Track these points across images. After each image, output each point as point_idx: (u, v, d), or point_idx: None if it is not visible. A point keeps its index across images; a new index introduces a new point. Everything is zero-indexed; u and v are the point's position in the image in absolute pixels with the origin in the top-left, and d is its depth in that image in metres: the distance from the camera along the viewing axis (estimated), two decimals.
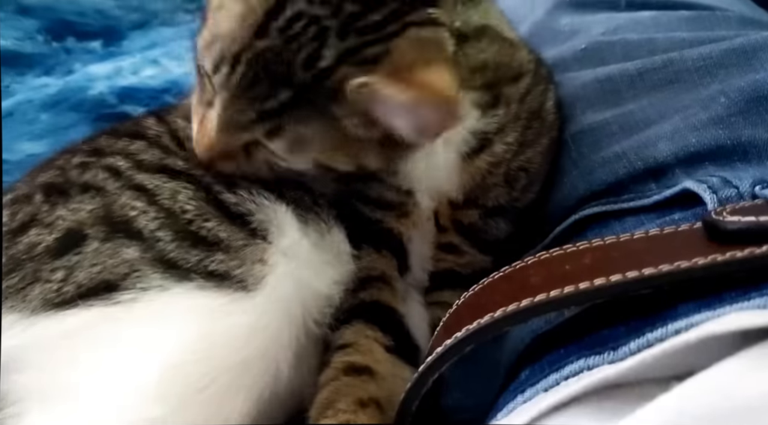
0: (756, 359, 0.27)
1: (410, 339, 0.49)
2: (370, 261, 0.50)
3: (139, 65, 0.85)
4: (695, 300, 0.32)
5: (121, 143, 0.47)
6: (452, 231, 0.52)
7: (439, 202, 0.51)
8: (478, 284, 0.40)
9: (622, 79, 0.54)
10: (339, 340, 0.46)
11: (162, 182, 0.44)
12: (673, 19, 0.59)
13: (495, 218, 0.52)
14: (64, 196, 0.42)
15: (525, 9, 0.73)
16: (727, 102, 0.45)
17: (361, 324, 0.47)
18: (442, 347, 0.37)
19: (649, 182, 0.45)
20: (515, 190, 0.52)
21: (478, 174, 0.50)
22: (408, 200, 0.51)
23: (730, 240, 0.32)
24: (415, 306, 0.52)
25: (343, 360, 0.45)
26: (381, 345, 0.46)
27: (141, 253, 0.39)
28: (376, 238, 0.51)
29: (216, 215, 0.43)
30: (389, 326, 0.48)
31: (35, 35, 0.91)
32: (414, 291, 0.53)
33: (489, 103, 0.49)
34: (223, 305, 0.40)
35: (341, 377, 0.44)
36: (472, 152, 0.49)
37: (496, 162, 0.50)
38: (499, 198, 0.52)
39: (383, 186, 0.51)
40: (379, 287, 0.49)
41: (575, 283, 0.34)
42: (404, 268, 0.52)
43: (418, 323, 0.50)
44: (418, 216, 0.51)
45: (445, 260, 0.53)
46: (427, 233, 0.52)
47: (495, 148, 0.50)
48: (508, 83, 0.50)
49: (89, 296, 0.37)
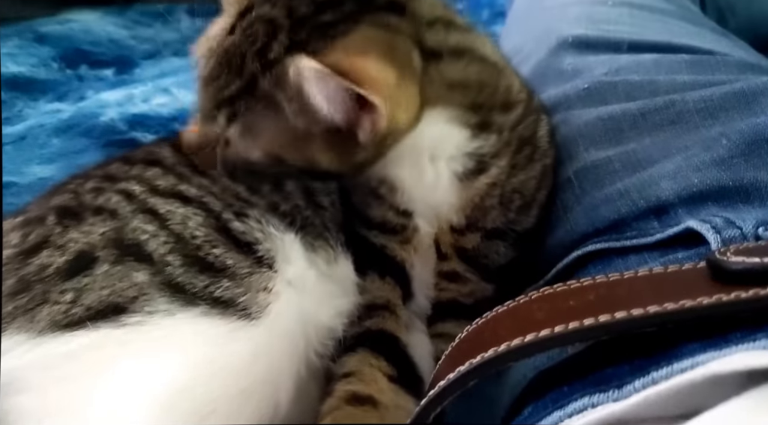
0: (762, 399, 0.27)
1: (413, 369, 0.48)
2: (375, 289, 0.50)
3: (149, 93, 0.87)
4: (701, 340, 0.32)
5: (136, 169, 0.48)
6: (454, 258, 0.53)
7: (440, 228, 0.52)
8: (482, 317, 0.40)
9: (624, 118, 0.55)
10: (342, 368, 0.46)
11: (174, 208, 0.44)
12: (674, 62, 0.60)
13: (494, 240, 0.53)
14: (76, 219, 0.43)
15: (529, 48, 0.74)
16: (728, 144, 0.46)
17: (365, 352, 0.47)
18: (445, 380, 0.37)
19: (652, 221, 0.45)
20: (510, 211, 0.52)
21: (477, 196, 0.51)
22: (408, 223, 0.51)
23: (735, 281, 0.32)
24: (418, 336, 0.52)
25: (346, 389, 0.44)
26: (384, 375, 0.46)
27: (150, 277, 0.40)
28: (380, 264, 0.51)
29: (224, 242, 0.43)
30: (393, 355, 0.48)
31: (50, 62, 0.93)
32: (417, 320, 0.53)
33: (478, 125, 0.50)
34: (226, 332, 0.40)
35: (344, 406, 0.43)
36: (471, 173, 0.50)
37: (493, 184, 0.51)
38: (496, 220, 0.52)
39: (384, 206, 0.51)
40: (384, 315, 0.49)
41: (580, 319, 0.34)
42: (407, 295, 0.52)
43: (421, 353, 0.50)
44: (419, 242, 0.52)
45: (447, 289, 0.53)
46: (429, 260, 0.53)
47: (491, 171, 0.51)
48: (498, 111, 0.52)
49: (97, 319, 0.37)
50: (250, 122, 0.47)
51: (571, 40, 0.70)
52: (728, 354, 0.30)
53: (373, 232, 0.52)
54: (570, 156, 0.56)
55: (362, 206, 0.52)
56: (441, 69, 0.49)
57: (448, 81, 0.49)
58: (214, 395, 0.38)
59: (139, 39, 1.01)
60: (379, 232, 0.52)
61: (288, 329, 0.43)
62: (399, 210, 0.51)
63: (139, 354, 0.38)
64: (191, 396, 0.37)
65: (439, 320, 0.53)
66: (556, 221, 0.53)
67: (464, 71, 0.50)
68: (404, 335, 0.50)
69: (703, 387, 0.28)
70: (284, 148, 0.48)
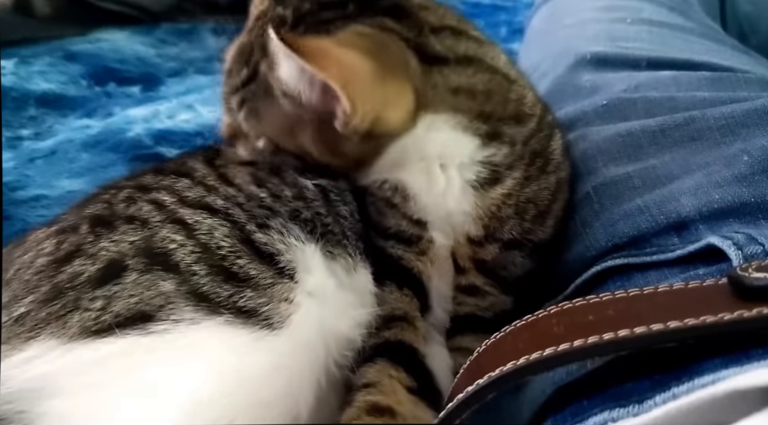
0: None
1: (432, 381, 0.49)
2: (393, 300, 0.50)
3: (174, 110, 0.89)
4: (722, 356, 0.32)
5: (167, 180, 0.49)
6: (473, 271, 0.53)
7: (456, 240, 0.52)
8: (500, 331, 0.40)
9: (644, 134, 0.55)
10: (362, 379, 0.46)
11: (201, 218, 0.45)
12: (693, 79, 0.60)
13: (511, 251, 0.53)
14: (108, 227, 0.44)
15: (547, 65, 0.75)
16: (750, 160, 0.45)
17: (385, 362, 0.47)
18: (463, 393, 0.37)
19: (672, 237, 0.45)
20: (525, 221, 0.52)
21: (494, 206, 0.51)
22: (422, 234, 0.52)
23: (757, 297, 0.32)
24: (436, 348, 0.52)
25: (366, 400, 0.45)
26: (404, 386, 0.46)
27: (176, 286, 0.41)
28: (397, 276, 0.51)
29: (248, 253, 0.44)
30: (412, 366, 0.48)
31: (79, 80, 0.96)
32: (435, 332, 0.53)
33: (487, 134, 0.51)
34: (249, 342, 0.40)
35: (363, 417, 0.44)
36: (486, 183, 0.51)
37: (508, 194, 0.51)
38: (513, 231, 0.52)
39: (398, 215, 0.52)
40: (402, 326, 0.50)
41: (599, 334, 0.34)
42: (425, 308, 0.52)
43: (439, 365, 0.50)
44: (435, 255, 0.52)
45: (466, 303, 0.53)
46: (446, 273, 0.53)
47: (507, 182, 0.51)
48: (510, 123, 0.52)
49: (125, 326, 0.38)
50: (253, 107, 0.52)
51: (590, 57, 0.70)
52: (750, 370, 0.30)
53: (389, 242, 0.52)
54: (589, 172, 0.56)
55: (378, 215, 0.53)
56: (446, 74, 0.50)
57: (454, 86, 0.50)
58: (236, 404, 0.39)
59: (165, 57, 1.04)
60: (395, 242, 0.52)
61: (308, 339, 0.43)
62: (413, 219, 0.52)
63: (165, 361, 0.38)
64: (214, 406, 0.38)
65: (458, 333, 0.53)
66: (575, 236, 0.53)
67: (471, 79, 0.51)
68: (423, 346, 0.50)
69: (724, 402, 0.28)
70: (279, 134, 0.52)
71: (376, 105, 0.46)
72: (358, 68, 0.45)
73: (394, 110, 0.48)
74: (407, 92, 0.48)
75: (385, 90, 0.47)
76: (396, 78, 0.47)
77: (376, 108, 0.46)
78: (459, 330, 0.53)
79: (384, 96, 0.47)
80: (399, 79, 0.48)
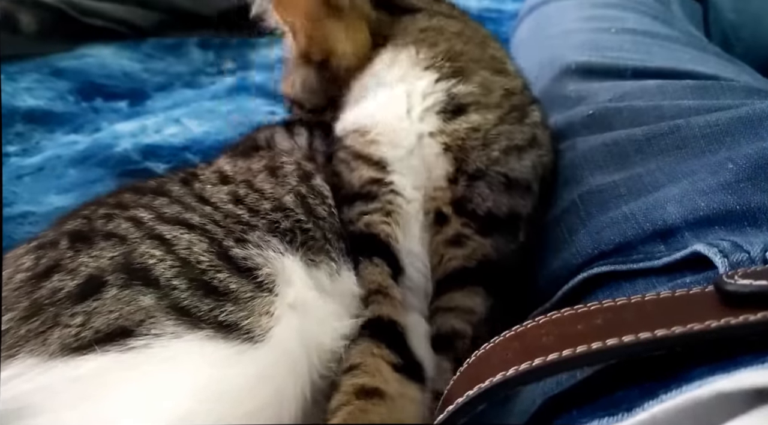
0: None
1: (412, 356, 0.48)
2: (367, 275, 0.51)
3: (162, 124, 0.89)
4: (710, 363, 0.32)
5: (145, 198, 0.49)
6: (454, 216, 0.53)
7: (435, 185, 0.53)
8: (489, 342, 0.40)
9: (629, 143, 0.55)
10: (347, 361, 0.46)
11: (179, 234, 0.45)
12: (678, 88, 0.61)
13: (477, 182, 0.53)
14: (87, 243, 0.44)
15: (532, 75, 0.75)
16: (735, 168, 0.46)
17: (366, 341, 0.47)
18: (453, 405, 0.37)
19: (658, 244, 0.45)
20: (494, 151, 0.53)
21: (458, 138, 0.53)
22: (384, 178, 0.53)
23: (743, 304, 0.32)
24: (414, 317, 0.51)
25: (353, 383, 0.45)
26: (388, 364, 0.46)
27: (157, 300, 0.40)
28: (367, 247, 0.52)
29: (227, 267, 0.44)
30: (393, 341, 0.48)
31: (66, 96, 0.96)
32: (413, 298, 0.52)
33: (452, 70, 0.55)
34: (230, 355, 0.40)
35: (353, 401, 0.44)
36: (449, 111, 0.54)
37: (473, 128, 0.54)
38: (478, 161, 0.53)
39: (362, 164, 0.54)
40: (379, 300, 0.49)
41: (588, 343, 0.34)
42: (397, 271, 0.52)
43: (418, 336, 0.50)
44: (400, 212, 0.53)
45: (454, 257, 0.52)
46: (415, 230, 0.53)
47: (472, 117, 0.54)
48: (485, 68, 0.57)
49: (106, 342, 0.38)
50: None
51: (575, 67, 0.71)
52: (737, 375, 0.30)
53: (356, 208, 0.53)
54: (575, 180, 0.56)
55: (346, 175, 0.55)
56: (416, 19, 0.58)
57: (421, 27, 0.57)
58: (218, 418, 0.38)
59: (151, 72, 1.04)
60: (361, 203, 0.53)
61: (291, 352, 0.43)
62: (373, 161, 0.53)
63: (146, 377, 0.38)
64: (196, 420, 0.37)
65: (446, 292, 0.52)
66: (561, 244, 0.53)
67: (440, 22, 0.58)
68: (401, 317, 0.50)
69: (710, 405, 0.28)
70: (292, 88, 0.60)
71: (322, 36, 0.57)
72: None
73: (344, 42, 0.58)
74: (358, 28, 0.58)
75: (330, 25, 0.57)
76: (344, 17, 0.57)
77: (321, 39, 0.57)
78: (446, 288, 0.52)
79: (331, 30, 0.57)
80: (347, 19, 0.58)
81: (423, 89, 0.55)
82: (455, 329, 0.50)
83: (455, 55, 0.56)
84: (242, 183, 0.53)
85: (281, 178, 0.54)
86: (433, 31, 0.58)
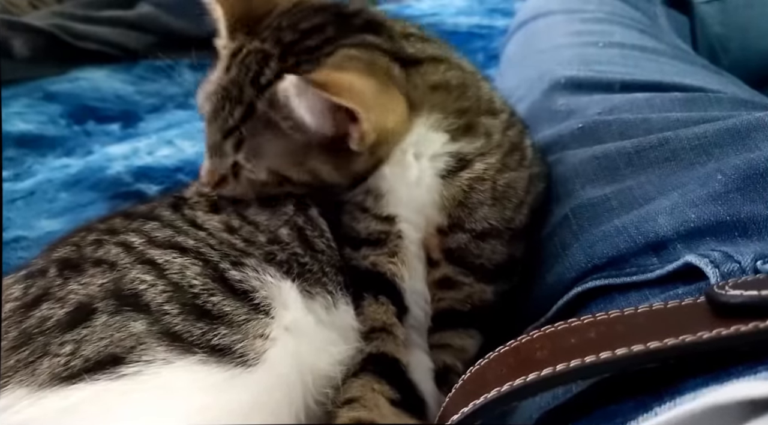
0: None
1: (415, 391, 0.48)
2: (371, 312, 0.50)
3: (154, 146, 0.89)
4: (703, 375, 0.32)
5: (136, 223, 0.49)
6: (444, 262, 0.53)
7: (427, 232, 0.52)
8: (484, 357, 0.40)
9: (619, 156, 0.55)
10: (345, 394, 0.46)
11: (172, 258, 0.45)
12: (666, 101, 0.61)
13: (489, 240, 0.53)
14: (77, 270, 0.43)
15: (523, 90, 0.76)
16: (724, 179, 0.46)
17: (368, 376, 0.47)
18: (449, 422, 0.36)
19: (651, 256, 0.45)
20: (507, 208, 0.53)
21: (460, 192, 0.52)
22: (391, 229, 0.52)
23: (734, 314, 0.32)
24: (417, 354, 0.51)
25: (350, 416, 0.45)
26: (387, 399, 0.46)
27: (148, 326, 0.40)
28: (372, 285, 0.52)
29: (221, 290, 0.44)
30: (395, 378, 0.48)
31: (58, 119, 0.96)
32: (416, 336, 0.53)
33: (461, 128, 0.53)
34: (223, 380, 0.40)
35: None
36: (453, 170, 0.52)
37: (477, 178, 0.52)
38: (490, 219, 0.52)
39: (369, 217, 0.52)
40: (383, 337, 0.49)
41: (581, 357, 0.34)
42: (402, 310, 0.52)
43: (421, 372, 0.50)
44: (406, 253, 0.52)
45: (443, 298, 0.53)
46: (418, 269, 0.53)
47: (475, 166, 0.52)
48: (485, 114, 0.54)
49: (96, 370, 0.38)
50: (253, 145, 0.51)
51: (564, 82, 0.71)
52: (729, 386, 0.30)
53: (361, 251, 0.52)
54: (567, 194, 0.56)
55: (351, 222, 0.53)
56: (423, 73, 0.53)
57: (431, 83, 0.53)
58: None
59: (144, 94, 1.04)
60: (366, 248, 0.52)
61: (286, 375, 0.43)
62: (382, 217, 0.52)
63: (138, 404, 0.38)
64: None
65: (438, 330, 0.53)
66: (554, 258, 0.53)
67: (445, 75, 0.54)
68: (404, 355, 0.50)
69: (704, 418, 0.28)
70: (286, 164, 0.52)
71: (382, 118, 0.48)
72: (365, 89, 0.47)
73: (393, 116, 0.50)
74: (399, 98, 0.51)
75: (386, 102, 0.49)
76: (388, 87, 0.50)
77: (381, 121, 0.48)
78: (439, 327, 0.53)
79: (384, 107, 0.49)
80: (392, 90, 0.50)
81: (433, 153, 0.52)
82: (446, 364, 0.51)
83: (462, 113, 0.53)
84: (234, 214, 0.52)
85: (276, 207, 0.53)
86: (441, 89, 0.53)
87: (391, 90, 0.50)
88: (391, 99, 0.50)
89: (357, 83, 0.46)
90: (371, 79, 0.48)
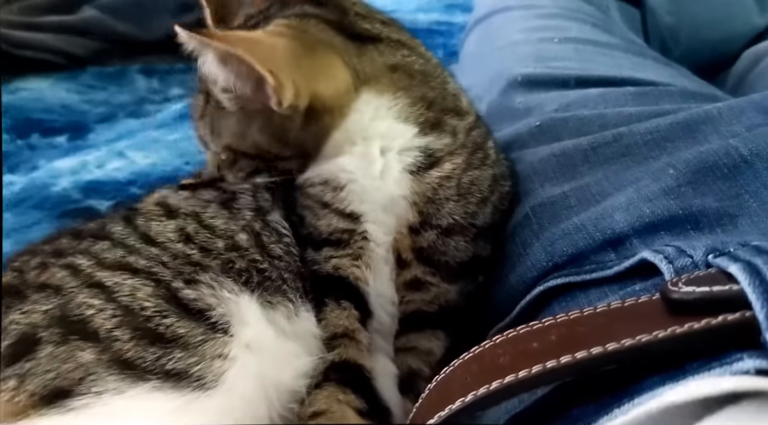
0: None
1: (379, 400, 0.48)
2: (333, 318, 0.49)
3: (104, 158, 0.85)
4: (660, 373, 0.32)
5: (84, 243, 0.47)
6: (414, 262, 0.52)
7: (398, 232, 0.52)
8: (449, 365, 0.40)
9: (576, 153, 0.56)
10: (311, 407, 0.45)
11: (122, 279, 0.43)
12: (620, 95, 0.62)
13: (453, 237, 0.52)
14: (19, 297, 0.41)
15: (481, 89, 0.76)
16: (675, 173, 0.47)
17: (332, 386, 0.46)
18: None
19: (609, 253, 0.46)
20: (470, 203, 0.53)
21: (430, 189, 0.52)
22: (355, 228, 0.51)
23: (688, 311, 0.33)
24: (381, 360, 0.51)
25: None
26: (353, 409, 0.45)
27: (97, 355, 0.38)
28: (334, 289, 0.51)
29: (175, 311, 0.42)
30: (359, 386, 0.47)
31: None
32: (380, 340, 0.52)
33: (429, 122, 0.53)
34: (180, 405, 0.38)
35: None
36: (423, 167, 0.52)
37: (445, 176, 0.52)
38: (454, 215, 0.52)
39: (330, 213, 0.52)
40: (345, 344, 0.48)
41: (543, 362, 0.34)
42: (366, 314, 0.51)
43: (385, 379, 0.50)
44: (371, 255, 0.52)
45: (412, 301, 0.52)
46: (384, 272, 0.52)
47: (445, 165, 0.52)
48: (450, 113, 0.55)
49: (42, 405, 0.36)
50: (213, 125, 0.54)
51: (521, 79, 0.72)
52: (685, 384, 0.30)
53: (323, 252, 0.51)
54: (527, 193, 0.56)
55: (312, 219, 0.52)
56: (381, 51, 0.53)
57: (391, 63, 0.53)
58: None
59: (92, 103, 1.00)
60: (329, 248, 0.51)
61: (248, 394, 0.42)
62: (345, 213, 0.52)
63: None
64: None
65: (405, 333, 0.52)
66: (516, 258, 0.53)
67: (405, 59, 0.54)
68: (368, 361, 0.49)
69: (660, 418, 0.28)
70: (235, 138, 0.54)
71: (304, 77, 0.48)
72: (275, 45, 0.48)
73: (326, 81, 0.50)
74: (336, 64, 0.51)
75: (310, 63, 0.50)
76: (319, 52, 0.50)
77: (304, 81, 0.48)
78: (407, 329, 0.52)
79: (310, 68, 0.49)
80: (323, 53, 0.51)
81: (401, 146, 0.52)
82: (412, 368, 0.50)
83: (429, 103, 0.53)
84: (190, 218, 0.51)
85: (235, 211, 0.52)
86: (402, 72, 0.53)
87: (324, 56, 0.51)
88: (322, 64, 0.50)
89: (266, 41, 0.48)
90: (293, 41, 0.49)
